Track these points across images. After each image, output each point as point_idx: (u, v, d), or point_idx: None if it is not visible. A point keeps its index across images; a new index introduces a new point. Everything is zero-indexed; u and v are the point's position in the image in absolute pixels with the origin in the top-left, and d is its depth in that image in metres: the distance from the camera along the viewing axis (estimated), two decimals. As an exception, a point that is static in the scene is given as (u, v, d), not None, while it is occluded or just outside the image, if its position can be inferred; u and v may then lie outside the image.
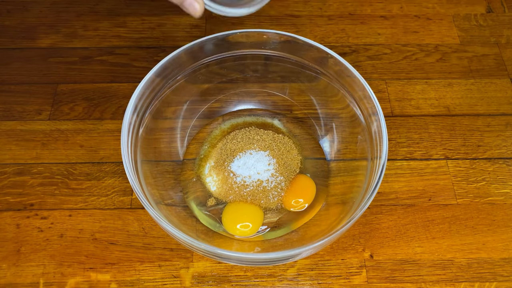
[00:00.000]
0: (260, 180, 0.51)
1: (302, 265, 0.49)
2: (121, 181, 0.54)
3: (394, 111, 0.60)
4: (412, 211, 0.53)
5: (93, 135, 0.57)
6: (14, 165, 0.55)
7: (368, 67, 0.64)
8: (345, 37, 0.67)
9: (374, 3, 0.71)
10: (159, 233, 0.51)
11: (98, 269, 0.49)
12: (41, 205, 0.52)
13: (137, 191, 0.42)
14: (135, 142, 0.47)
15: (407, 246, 0.51)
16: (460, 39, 0.67)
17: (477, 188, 0.54)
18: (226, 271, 0.49)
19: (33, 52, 0.64)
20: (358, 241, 0.51)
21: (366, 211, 0.52)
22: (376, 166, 0.45)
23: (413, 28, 0.68)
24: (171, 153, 0.55)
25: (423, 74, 0.64)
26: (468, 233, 0.51)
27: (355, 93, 0.49)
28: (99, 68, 0.63)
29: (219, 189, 0.51)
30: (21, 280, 0.48)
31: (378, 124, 0.46)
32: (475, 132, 0.59)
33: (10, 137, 0.57)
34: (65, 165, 0.55)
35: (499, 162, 0.57)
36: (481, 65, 0.64)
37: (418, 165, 0.56)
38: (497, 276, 0.49)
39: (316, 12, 0.70)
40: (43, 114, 0.59)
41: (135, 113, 0.46)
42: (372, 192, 0.42)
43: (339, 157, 0.55)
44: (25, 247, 0.50)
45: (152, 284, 0.48)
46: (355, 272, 0.49)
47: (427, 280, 0.49)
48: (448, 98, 0.61)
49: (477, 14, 0.70)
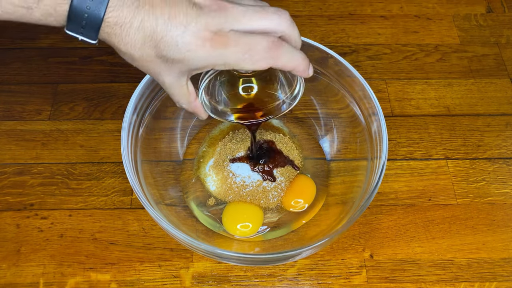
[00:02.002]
0: (260, 181, 0.51)
1: (302, 265, 0.49)
2: (121, 181, 0.54)
3: (394, 111, 0.60)
4: (412, 211, 0.53)
5: (93, 135, 0.57)
6: (14, 165, 0.55)
7: (368, 67, 0.64)
8: (345, 37, 0.67)
9: (374, 3, 0.71)
10: (159, 233, 0.51)
11: (98, 269, 0.49)
12: (41, 205, 0.52)
13: (137, 191, 0.42)
14: (135, 142, 0.47)
15: (407, 246, 0.51)
16: (460, 39, 0.67)
17: (477, 188, 0.54)
18: (226, 271, 0.49)
19: (33, 52, 0.64)
20: (358, 241, 0.51)
21: (366, 211, 0.52)
22: (376, 166, 0.45)
23: (413, 28, 0.68)
24: (171, 153, 0.55)
25: (423, 74, 0.64)
26: (468, 233, 0.51)
27: (355, 93, 0.49)
28: (99, 68, 0.63)
29: (219, 189, 0.51)
30: (21, 280, 0.48)
31: (378, 124, 0.46)
32: (475, 132, 0.59)
33: (10, 137, 0.57)
34: (65, 165, 0.55)
35: (499, 162, 0.57)
36: (481, 65, 0.64)
37: (418, 165, 0.56)
38: (497, 276, 0.49)
39: (316, 12, 0.70)
40: (43, 114, 0.59)
41: (135, 113, 0.46)
42: (372, 192, 0.42)
43: (339, 157, 0.55)
44: (25, 247, 0.50)
45: (152, 284, 0.48)
46: (355, 272, 0.49)
47: (427, 280, 0.49)
48: (448, 98, 0.61)
49: (477, 14, 0.70)
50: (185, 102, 0.40)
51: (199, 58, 0.35)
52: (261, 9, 0.36)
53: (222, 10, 0.34)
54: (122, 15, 0.32)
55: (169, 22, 0.33)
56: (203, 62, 0.35)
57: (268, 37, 0.35)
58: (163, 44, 0.34)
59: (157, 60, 0.35)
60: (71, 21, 0.32)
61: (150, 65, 0.36)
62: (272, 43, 0.35)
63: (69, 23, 0.33)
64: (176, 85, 0.38)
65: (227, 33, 0.34)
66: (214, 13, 0.34)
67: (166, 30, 0.33)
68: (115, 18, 0.32)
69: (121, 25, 0.33)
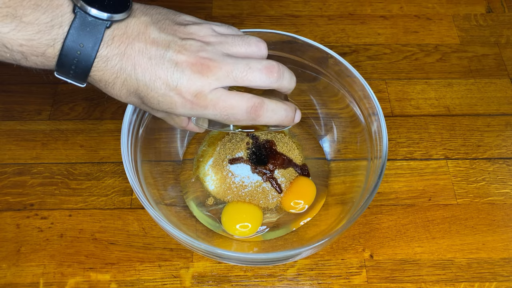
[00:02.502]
0: (260, 181, 0.51)
1: (302, 265, 0.49)
2: (121, 181, 0.54)
3: (394, 111, 0.60)
4: (412, 211, 0.53)
5: (93, 135, 0.57)
6: (14, 165, 0.55)
7: (368, 67, 0.64)
8: (345, 37, 0.67)
9: (374, 3, 0.71)
10: (159, 233, 0.51)
11: (98, 269, 0.49)
12: (41, 205, 0.52)
13: (137, 191, 0.42)
14: (135, 142, 0.47)
15: (407, 246, 0.51)
16: (460, 39, 0.67)
17: (477, 188, 0.54)
18: (226, 271, 0.49)
19: (33, 52, 0.64)
20: (358, 241, 0.51)
21: (366, 211, 0.52)
22: (376, 166, 0.45)
23: (413, 28, 0.68)
24: (171, 153, 0.55)
25: (423, 74, 0.64)
26: (468, 233, 0.51)
27: (355, 93, 0.49)
28: (99, 68, 0.63)
29: (218, 189, 0.51)
30: (21, 280, 0.48)
31: (378, 124, 0.46)
32: (475, 132, 0.59)
33: (10, 137, 0.57)
34: (65, 165, 0.55)
35: (499, 162, 0.57)
36: (481, 65, 0.64)
37: (418, 165, 0.56)
38: (497, 276, 0.49)
39: (316, 12, 0.70)
40: (43, 114, 0.59)
41: (135, 113, 0.46)
42: (372, 192, 0.42)
43: (339, 157, 0.55)
44: (25, 247, 0.50)
45: (152, 284, 0.48)
46: (355, 272, 0.49)
47: (427, 280, 0.49)
48: (448, 98, 0.61)
49: (477, 14, 0.70)
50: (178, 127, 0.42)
51: (182, 113, 0.36)
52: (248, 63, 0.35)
53: (205, 71, 0.34)
54: (105, 76, 0.34)
55: (149, 86, 0.34)
56: (186, 114, 0.37)
57: (249, 98, 0.35)
58: (146, 100, 0.35)
59: (144, 106, 0.37)
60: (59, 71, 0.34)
61: (139, 106, 0.38)
62: (252, 106, 0.35)
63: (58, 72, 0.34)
64: (165, 118, 0.41)
65: (207, 95, 0.34)
66: (196, 76, 0.34)
67: (148, 91, 0.34)
68: (99, 77, 0.34)
69: (105, 83, 0.35)
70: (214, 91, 0.35)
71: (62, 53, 0.32)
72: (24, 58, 0.33)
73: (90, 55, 0.33)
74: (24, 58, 0.33)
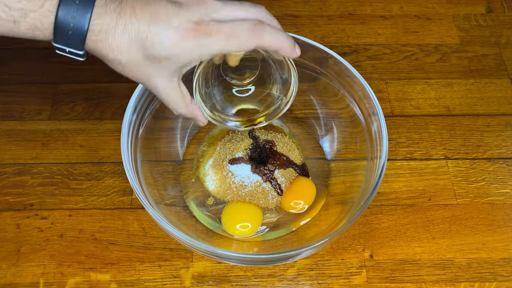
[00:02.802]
0: (259, 181, 0.51)
1: (302, 265, 0.49)
2: (121, 181, 0.54)
3: (394, 111, 0.60)
4: (412, 211, 0.53)
5: (93, 135, 0.57)
6: (14, 165, 0.55)
7: (368, 67, 0.64)
8: (345, 37, 0.67)
9: (374, 3, 0.71)
10: (159, 233, 0.51)
11: (98, 269, 0.49)
12: (41, 205, 0.52)
13: (137, 191, 0.42)
14: (135, 142, 0.47)
15: (407, 246, 0.51)
16: (460, 39, 0.67)
17: (477, 188, 0.54)
18: (226, 271, 0.49)
19: (33, 52, 0.64)
20: (358, 241, 0.51)
21: (366, 211, 0.52)
22: (376, 166, 0.45)
23: (413, 28, 0.68)
24: (171, 153, 0.55)
25: (423, 74, 0.64)
26: (468, 233, 0.51)
27: (355, 93, 0.49)
28: (99, 68, 0.63)
29: (217, 189, 0.51)
30: (21, 280, 0.48)
31: (378, 124, 0.46)
32: (475, 132, 0.59)
33: (10, 137, 0.57)
34: (65, 165, 0.55)
35: (499, 162, 0.57)
36: (481, 65, 0.64)
37: (418, 165, 0.56)
38: (497, 276, 0.49)
39: (316, 12, 0.70)
40: (43, 114, 0.59)
41: (135, 113, 0.46)
42: (372, 192, 0.42)
43: (339, 157, 0.55)
44: (25, 247, 0.50)
45: (152, 284, 0.48)
46: (355, 272, 0.49)
47: (427, 280, 0.49)
48: (448, 98, 0.61)
49: (477, 14, 0.70)
50: (182, 106, 0.40)
51: (185, 52, 0.35)
52: (238, 3, 0.37)
53: (201, 4, 0.36)
54: (105, 22, 0.34)
55: (151, 22, 0.34)
56: (190, 56, 0.36)
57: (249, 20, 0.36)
58: (149, 43, 0.35)
59: (145, 62, 0.36)
60: (57, 32, 0.34)
61: (139, 70, 0.36)
62: (254, 25, 0.36)
63: (56, 34, 0.34)
64: (168, 87, 0.38)
65: (208, 22, 0.35)
66: (194, 7, 0.35)
67: (150, 29, 0.34)
68: (99, 26, 0.34)
69: (106, 31, 0.34)
70: (214, 21, 0.35)
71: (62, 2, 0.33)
72: (23, 16, 0.33)
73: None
74: (23, 16, 0.33)
